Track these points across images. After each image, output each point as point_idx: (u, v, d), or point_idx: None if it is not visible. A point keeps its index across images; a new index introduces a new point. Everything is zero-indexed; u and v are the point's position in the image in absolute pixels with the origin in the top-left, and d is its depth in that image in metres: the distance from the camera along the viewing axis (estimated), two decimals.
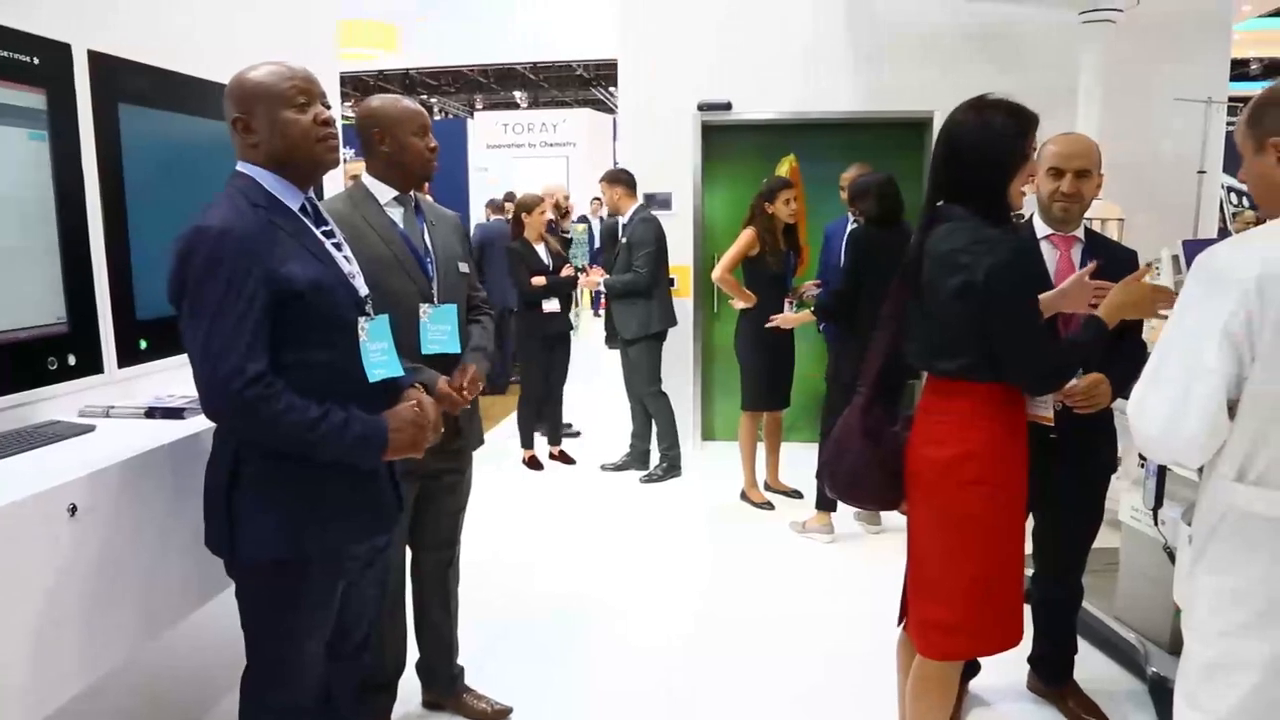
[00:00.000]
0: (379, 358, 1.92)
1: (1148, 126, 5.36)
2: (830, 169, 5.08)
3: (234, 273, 1.70)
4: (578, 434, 6.38)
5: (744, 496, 5.03)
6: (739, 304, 4.80)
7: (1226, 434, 1.64)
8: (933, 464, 2.22)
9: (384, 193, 2.48)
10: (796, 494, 5.02)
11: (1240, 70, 17.30)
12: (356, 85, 16.90)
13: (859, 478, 2.34)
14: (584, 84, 18.55)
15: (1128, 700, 3.01)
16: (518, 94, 19.06)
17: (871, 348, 2.41)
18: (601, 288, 5.34)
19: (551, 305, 5.54)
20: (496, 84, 18.42)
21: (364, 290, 1.95)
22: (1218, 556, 1.71)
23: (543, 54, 15.26)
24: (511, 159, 15.04)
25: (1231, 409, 1.63)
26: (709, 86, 5.80)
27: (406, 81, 17.48)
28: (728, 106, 5.80)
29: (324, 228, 1.92)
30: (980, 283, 2.06)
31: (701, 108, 5.83)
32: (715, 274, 4.83)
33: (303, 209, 1.88)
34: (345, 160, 4.58)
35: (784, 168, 5.12)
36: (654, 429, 5.50)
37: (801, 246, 4.91)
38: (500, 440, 5.99)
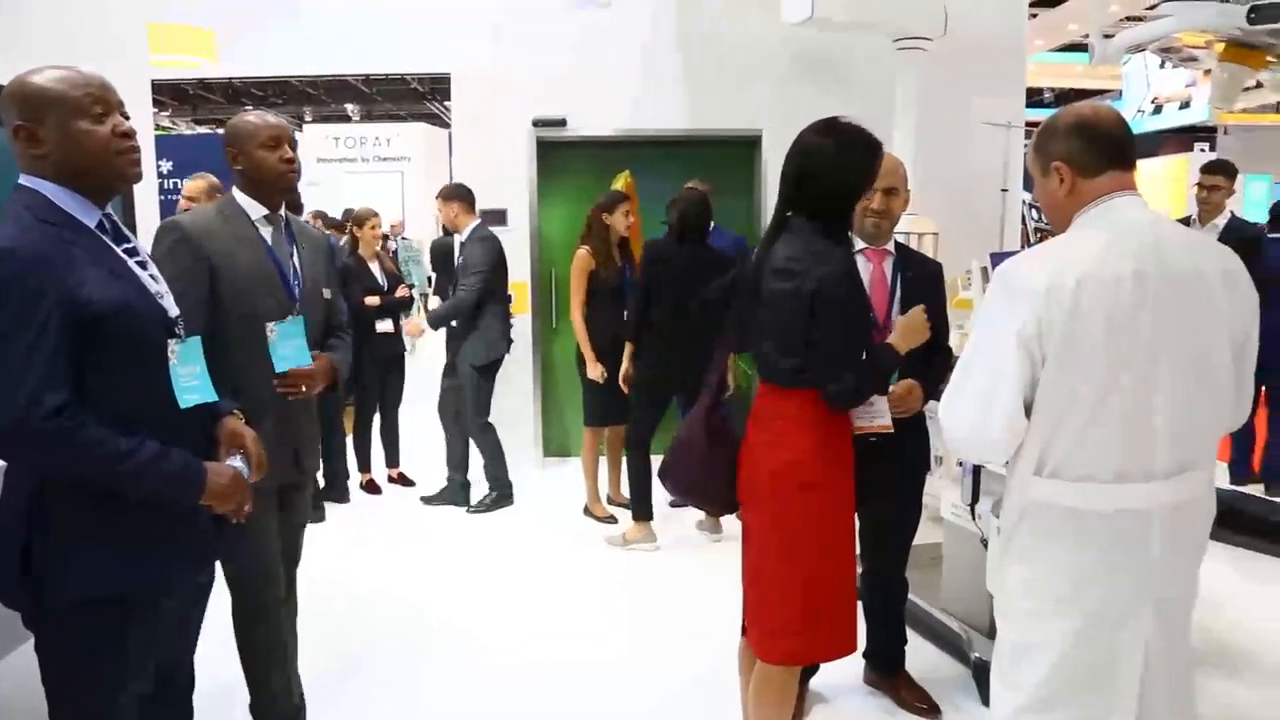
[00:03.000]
0: (190, 382, 1.79)
1: (957, 147, 5.71)
2: (665, 185, 5.16)
3: (24, 296, 1.56)
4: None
5: (587, 512, 5.02)
6: (592, 370, 4.79)
7: (1024, 432, 1.76)
8: (764, 469, 2.29)
9: (254, 209, 2.42)
10: None
11: (1036, 98, 18.84)
12: (175, 94, 15.94)
13: (700, 479, 2.42)
14: (419, 97, 18.19)
15: (955, 685, 3.18)
16: (350, 107, 18.46)
17: (715, 353, 2.49)
18: (428, 327, 5.17)
19: (385, 326, 5.37)
20: (327, 96, 17.80)
21: (174, 311, 1.82)
22: (1022, 546, 1.83)
23: (375, 66, 14.85)
24: (344, 174, 14.55)
25: (1028, 409, 1.76)
26: (544, 102, 5.79)
27: (230, 92, 16.63)
28: (563, 123, 5.81)
29: (126, 245, 1.79)
30: (811, 291, 2.15)
31: (537, 123, 5.82)
32: (573, 316, 4.83)
33: (100, 225, 1.74)
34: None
35: (619, 183, 5.18)
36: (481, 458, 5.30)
37: (637, 260, 4.97)
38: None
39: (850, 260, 2.27)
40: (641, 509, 4.57)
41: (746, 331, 2.38)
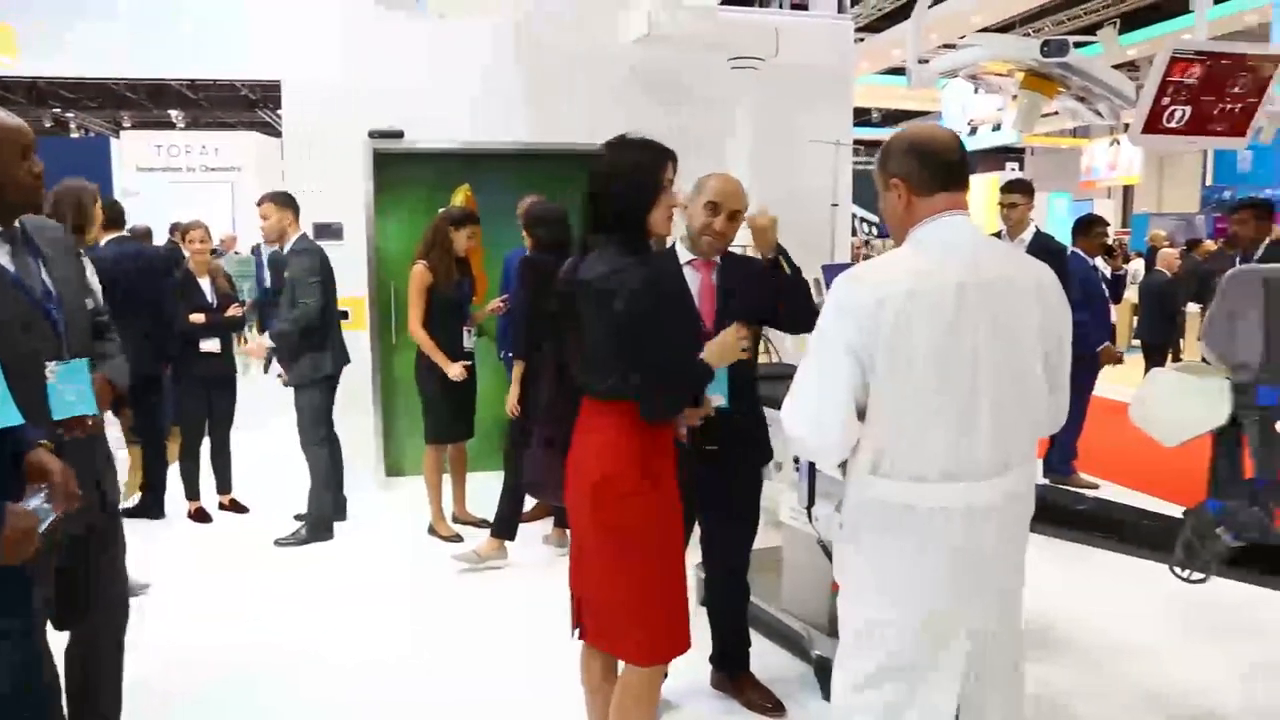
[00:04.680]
0: None
1: (789, 163, 5.95)
2: (504, 199, 5.14)
3: None
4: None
5: (432, 531, 4.92)
6: (449, 370, 4.67)
7: (857, 434, 1.88)
8: (586, 481, 2.33)
9: None
10: (485, 524, 4.93)
11: (864, 118, 19.87)
12: None
13: (541, 480, 2.54)
14: (250, 105, 17.42)
15: (798, 683, 3.29)
16: (174, 112, 17.46)
17: (544, 367, 2.52)
18: (270, 345, 4.79)
19: (210, 345, 5.08)
20: (148, 100, 16.76)
21: None
22: (863, 541, 1.96)
23: (201, 70, 14.12)
24: (168, 183, 13.74)
25: (863, 414, 1.87)
26: (381, 113, 5.65)
27: (33, 93, 15.42)
28: (400, 135, 5.68)
29: None
30: (616, 309, 2.20)
31: (373, 135, 5.67)
32: (411, 331, 4.72)
33: None
34: None
35: (459, 197, 5.12)
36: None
37: (476, 275, 4.92)
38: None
39: (651, 273, 2.30)
40: (505, 527, 4.50)
41: (565, 348, 2.41)
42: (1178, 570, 2.46)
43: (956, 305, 1.83)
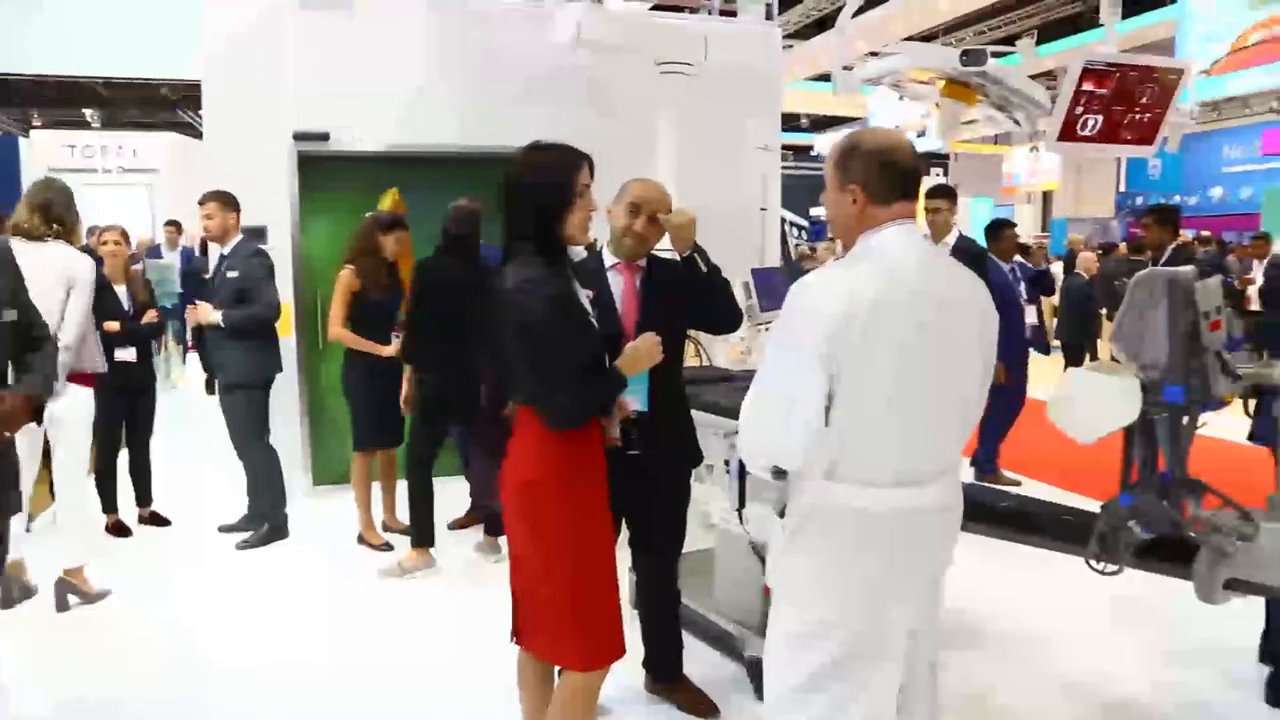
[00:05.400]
0: None
1: (719, 168, 5.99)
2: (434, 203, 5.06)
3: None
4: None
5: (361, 540, 4.83)
6: (382, 351, 4.65)
7: (823, 440, 1.88)
8: (513, 486, 2.34)
9: None
10: None
11: (794, 123, 20.14)
12: None
13: (487, 488, 2.48)
14: (169, 105, 16.91)
15: (732, 684, 3.31)
16: (88, 112, 16.85)
17: (482, 375, 2.51)
18: (218, 321, 4.64)
19: (125, 354, 4.90)
20: (60, 98, 16.15)
21: None
22: (808, 544, 1.97)
23: (116, 69, 13.67)
24: (81, 185, 13.17)
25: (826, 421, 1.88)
26: (306, 115, 5.53)
27: None
28: (325, 137, 5.57)
29: None
30: (519, 320, 2.22)
31: (298, 137, 5.55)
32: (330, 333, 4.66)
33: None
34: None
35: (387, 201, 5.05)
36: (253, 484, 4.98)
37: (405, 281, 4.86)
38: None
39: (561, 285, 2.29)
40: (421, 534, 4.45)
41: (493, 356, 2.42)
42: (1093, 563, 2.54)
43: (915, 316, 1.87)
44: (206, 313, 4.70)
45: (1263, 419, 3.01)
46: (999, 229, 6.12)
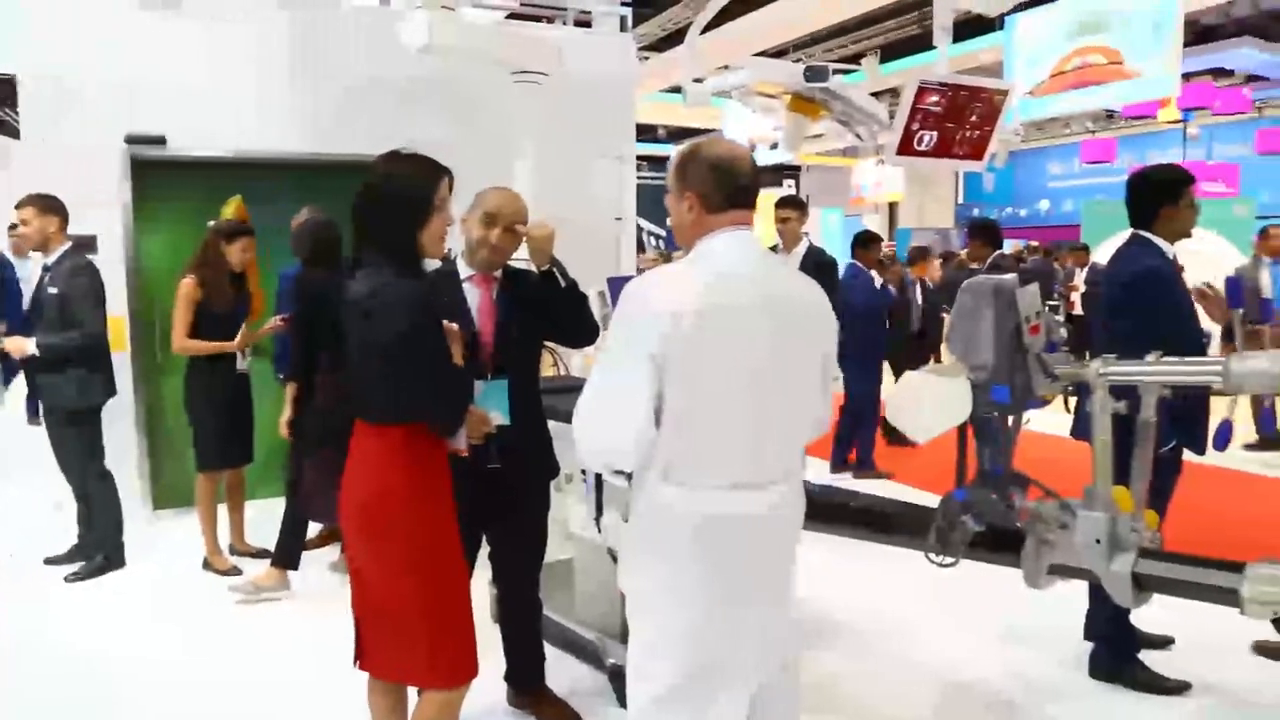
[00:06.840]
0: None
1: (574, 178, 6.00)
2: (280, 211, 4.87)
3: None
4: None
5: (207, 565, 4.59)
6: (230, 345, 4.45)
7: (653, 441, 1.90)
8: (354, 504, 2.29)
9: None
10: (265, 554, 4.63)
11: (650, 134, 20.40)
12: None
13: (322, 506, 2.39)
14: None
15: (595, 694, 3.31)
16: None
17: (321, 388, 2.44)
18: (33, 352, 4.25)
19: None
20: None
21: None
22: (652, 548, 1.98)
23: None
24: None
25: (658, 421, 1.89)
26: (140, 117, 5.23)
27: None
28: (162, 141, 5.28)
29: None
30: (382, 334, 2.19)
31: (130, 140, 5.23)
32: (175, 346, 4.43)
33: None
34: None
35: (230, 209, 4.83)
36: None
37: (253, 292, 4.66)
38: None
39: (414, 295, 2.26)
40: (285, 557, 4.27)
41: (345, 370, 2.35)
42: (932, 556, 2.66)
43: (747, 319, 1.90)
44: (19, 346, 4.31)
45: (1081, 415, 3.25)
46: (870, 240, 6.55)
